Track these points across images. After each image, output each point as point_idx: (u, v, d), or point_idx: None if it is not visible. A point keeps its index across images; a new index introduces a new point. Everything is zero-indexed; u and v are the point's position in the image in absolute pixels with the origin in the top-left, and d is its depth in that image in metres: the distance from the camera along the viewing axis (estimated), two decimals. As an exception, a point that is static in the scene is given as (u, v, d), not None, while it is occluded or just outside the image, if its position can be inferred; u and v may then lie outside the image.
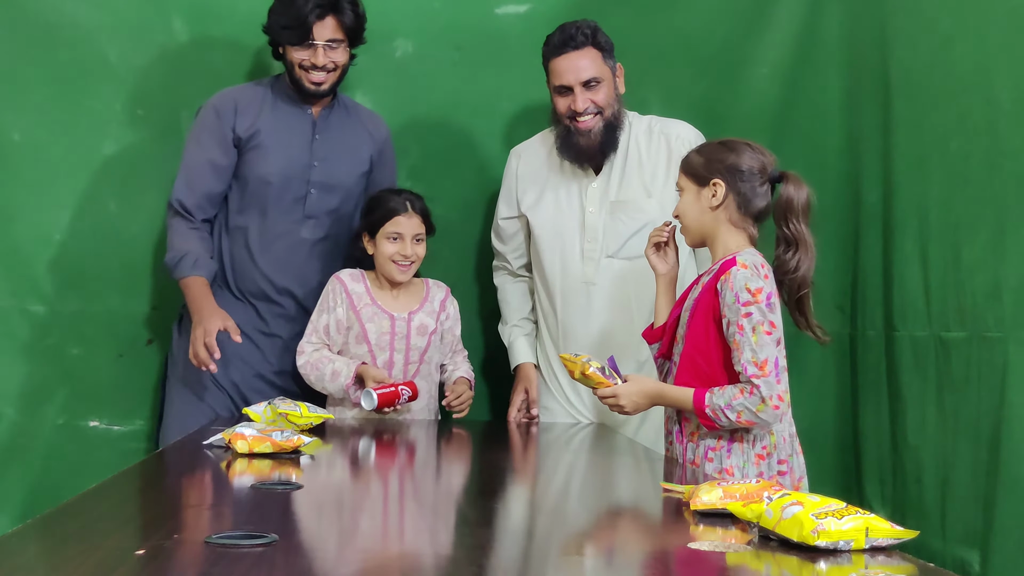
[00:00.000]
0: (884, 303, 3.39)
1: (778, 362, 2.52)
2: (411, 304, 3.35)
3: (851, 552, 1.66)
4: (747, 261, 2.57)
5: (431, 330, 3.34)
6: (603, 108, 3.26)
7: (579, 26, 3.25)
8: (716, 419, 2.53)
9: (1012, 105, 2.75)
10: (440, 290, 3.42)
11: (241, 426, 2.55)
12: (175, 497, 2.14)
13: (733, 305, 2.52)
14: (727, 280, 2.54)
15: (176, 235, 3.35)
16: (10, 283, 3.56)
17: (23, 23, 3.54)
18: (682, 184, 2.72)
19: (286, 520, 1.92)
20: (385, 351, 3.30)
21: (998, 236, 2.79)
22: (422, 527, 2.00)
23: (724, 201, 2.63)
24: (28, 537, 1.69)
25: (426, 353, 3.33)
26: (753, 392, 2.49)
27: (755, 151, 2.66)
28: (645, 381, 2.70)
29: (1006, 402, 2.73)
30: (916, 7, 3.23)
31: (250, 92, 3.43)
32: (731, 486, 1.93)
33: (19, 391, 3.56)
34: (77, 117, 3.58)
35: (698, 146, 2.78)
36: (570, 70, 3.24)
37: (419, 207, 3.31)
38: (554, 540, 1.91)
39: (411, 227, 3.29)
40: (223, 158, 3.37)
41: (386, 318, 3.30)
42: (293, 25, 3.25)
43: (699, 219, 2.67)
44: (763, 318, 2.51)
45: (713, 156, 2.67)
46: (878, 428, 3.41)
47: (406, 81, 3.71)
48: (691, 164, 2.71)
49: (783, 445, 2.62)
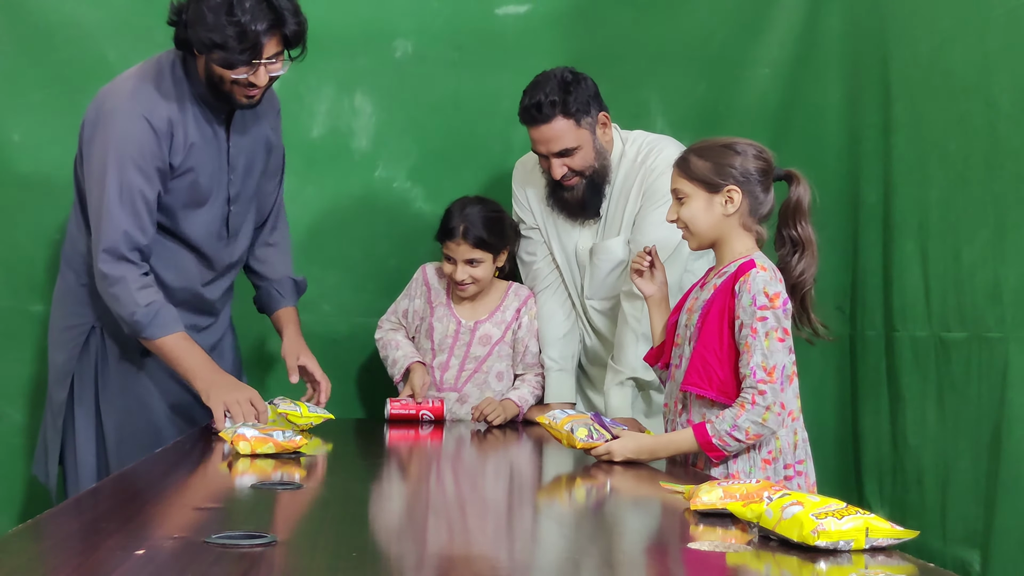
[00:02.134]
0: (884, 303, 3.39)
1: (784, 369, 2.48)
2: (481, 312, 3.38)
3: (851, 552, 1.66)
4: (766, 264, 2.54)
5: (495, 340, 3.36)
6: (582, 171, 3.21)
7: (548, 93, 3.14)
8: (725, 446, 2.46)
9: (1012, 106, 2.75)
10: (517, 299, 3.40)
11: (242, 427, 2.55)
12: (175, 497, 2.14)
13: (749, 307, 2.48)
14: (746, 281, 2.49)
15: (133, 286, 2.83)
16: (10, 283, 3.56)
17: (23, 23, 3.54)
18: (687, 190, 2.59)
19: (286, 520, 1.92)
20: (444, 353, 3.35)
21: (998, 236, 2.79)
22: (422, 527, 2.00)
23: (739, 207, 2.56)
24: (28, 537, 1.69)
25: (484, 362, 3.35)
26: (755, 402, 2.44)
27: (759, 151, 2.61)
28: (640, 437, 2.59)
29: (1006, 402, 2.73)
30: (916, 7, 3.23)
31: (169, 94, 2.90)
32: (731, 486, 1.93)
33: (19, 391, 3.56)
34: (77, 117, 3.56)
35: (697, 149, 2.65)
36: (541, 141, 3.19)
37: (473, 236, 3.25)
38: (554, 540, 1.91)
39: (461, 253, 3.28)
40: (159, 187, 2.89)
41: (453, 322, 3.35)
42: (234, 48, 2.72)
43: (712, 225, 2.59)
44: (778, 324, 2.47)
45: (722, 160, 2.58)
46: (878, 428, 3.41)
47: (406, 81, 3.71)
48: (698, 170, 2.59)
49: (788, 450, 2.57)
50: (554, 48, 3.57)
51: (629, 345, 3.17)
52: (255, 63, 2.77)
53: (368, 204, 3.72)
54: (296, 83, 3.63)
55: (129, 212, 2.83)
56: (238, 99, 2.87)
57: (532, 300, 3.41)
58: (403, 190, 3.71)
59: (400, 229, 3.68)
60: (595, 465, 2.52)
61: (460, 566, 1.64)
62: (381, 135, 3.72)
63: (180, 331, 2.88)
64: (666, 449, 2.55)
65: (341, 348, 3.64)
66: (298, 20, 2.81)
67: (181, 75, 2.92)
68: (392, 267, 3.68)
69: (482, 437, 3.16)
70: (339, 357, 3.62)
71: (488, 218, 3.30)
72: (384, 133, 3.72)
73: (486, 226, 3.28)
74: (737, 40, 3.74)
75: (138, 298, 2.83)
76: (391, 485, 2.51)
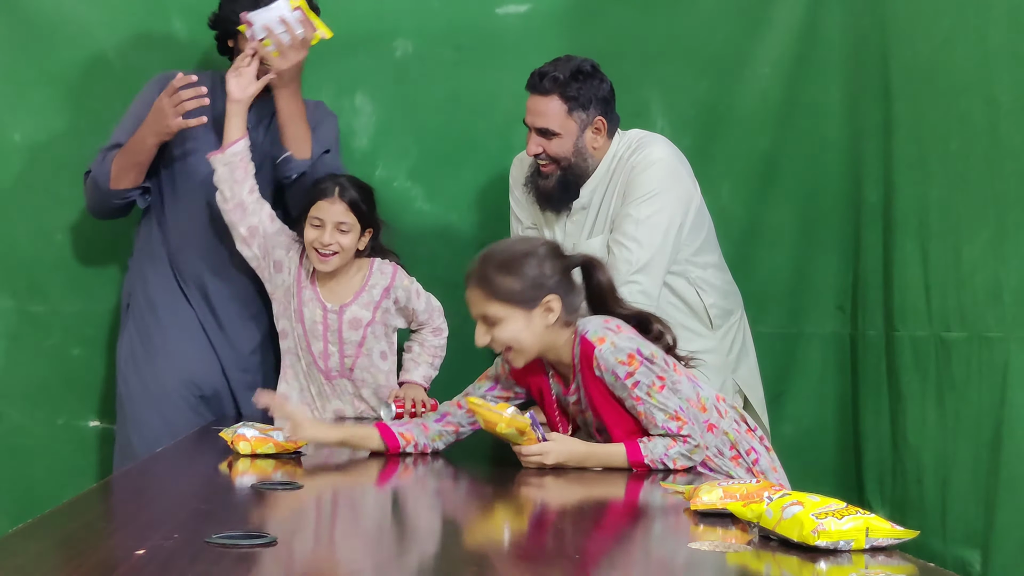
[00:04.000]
0: (884, 303, 3.39)
1: (683, 404, 2.48)
2: (346, 295, 3.24)
3: (851, 552, 1.66)
4: (598, 335, 2.48)
5: (366, 322, 3.23)
6: (556, 159, 3.16)
7: (557, 68, 3.14)
8: (654, 467, 2.46)
9: (1012, 105, 2.74)
10: (384, 276, 3.27)
11: (242, 427, 2.55)
12: (175, 497, 2.14)
13: (617, 383, 2.46)
14: (599, 364, 2.47)
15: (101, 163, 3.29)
16: (10, 283, 3.56)
17: (23, 23, 3.54)
18: (500, 314, 2.47)
19: (286, 520, 1.92)
20: (319, 340, 3.23)
21: (998, 236, 2.79)
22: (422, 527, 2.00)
23: (560, 312, 2.50)
24: (28, 537, 1.69)
25: (363, 346, 3.25)
26: (687, 441, 2.45)
27: (545, 246, 2.55)
28: (572, 441, 2.54)
29: (1007, 402, 2.73)
30: (916, 7, 3.23)
31: (194, 75, 3.28)
32: (731, 486, 1.93)
33: (19, 391, 3.56)
34: (77, 117, 3.58)
35: (496, 265, 2.50)
36: (531, 111, 3.16)
37: (349, 195, 3.16)
38: (554, 539, 1.91)
39: (333, 214, 3.13)
40: None
41: (319, 307, 3.23)
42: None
43: (537, 339, 2.49)
44: (651, 376, 2.45)
45: (529, 272, 2.48)
46: (878, 428, 3.41)
47: (406, 81, 3.71)
48: (504, 290, 2.47)
49: (741, 436, 2.61)
50: (554, 48, 3.56)
51: None
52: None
53: (368, 204, 3.72)
54: (296, 83, 3.63)
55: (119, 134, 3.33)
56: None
57: (400, 273, 3.29)
58: (403, 190, 3.71)
59: (400, 229, 3.68)
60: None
61: (460, 565, 1.64)
62: (381, 135, 3.72)
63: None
64: (596, 459, 2.50)
65: (341, 348, 3.64)
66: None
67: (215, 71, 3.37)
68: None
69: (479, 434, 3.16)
70: (339, 357, 3.62)
71: (363, 187, 3.23)
72: (384, 133, 3.72)
73: (360, 192, 3.20)
74: (738, 39, 3.73)
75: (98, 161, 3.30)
76: (391, 485, 2.51)
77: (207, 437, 2.81)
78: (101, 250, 3.60)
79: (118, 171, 3.27)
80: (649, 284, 3.09)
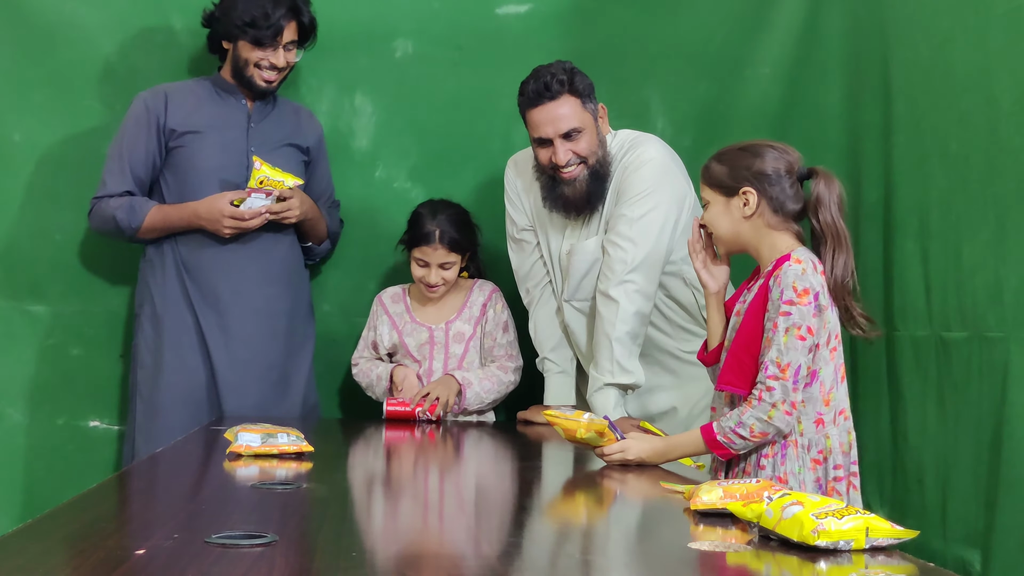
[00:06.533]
0: (884, 303, 3.39)
1: (799, 370, 2.43)
2: (449, 312, 3.42)
3: (851, 552, 1.66)
4: (802, 257, 2.50)
5: (468, 336, 3.40)
6: (586, 157, 3.16)
7: (554, 72, 3.14)
8: (730, 443, 2.44)
9: (1012, 105, 2.74)
10: (482, 294, 3.45)
11: (243, 434, 2.54)
12: (175, 497, 2.14)
13: (776, 301, 2.45)
14: (778, 276, 2.47)
15: (109, 203, 3.36)
16: (10, 283, 3.56)
17: (23, 23, 3.54)
18: (707, 196, 2.61)
19: (286, 520, 1.92)
20: (426, 360, 3.39)
21: (998, 236, 2.79)
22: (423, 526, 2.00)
23: (758, 208, 2.55)
24: (28, 537, 1.69)
25: (464, 359, 3.39)
26: (762, 398, 2.41)
27: (778, 151, 2.58)
28: (650, 438, 2.59)
29: (1007, 402, 2.73)
30: (916, 7, 3.23)
31: (182, 86, 3.47)
32: (731, 486, 1.93)
33: (19, 391, 3.56)
34: (77, 117, 3.58)
35: (717, 154, 2.62)
36: (547, 122, 3.13)
37: (448, 238, 3.33)
38: (554, 539, 1.91)
39: (437, 257, 3.34)
40: (151, 147, 3.38)
41: (424, 330, 3.40)
42: (262, 26, 3.30)
43: (733, 230, 2.58)
44: (801, 321, 2.43)
45: (736, 163, 2.57)
46: (878, 428, 3.41)
47: (406, 81, 3.71)
48: (714, 175, 2.60)
49: (838, 450, 2.52)
50: (554, 48, 3.57)
51: (603, 349, 3.13)
52: (277, 41, 3.31)
53: (368, 204, 3.72)
54: (297, 83, 3.64)
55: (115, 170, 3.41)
56: (258, 83, 3.37)
57: (497, 295, 3.46)
58: (403, 190, 3.71)
59: (400, 229, 3.67)
60: (599, 466, 2.51)
61: (459, 565, 1.64)
62: (381, 135, 3.72)
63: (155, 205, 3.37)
64: (676, 451, 2.54)
65: (341, 348, 3.64)
66: (309, 11, 3.39)
67: (202, 78, 3.50)
68: (392, 267, 3.69)
69: (479, 436, 3.16)
70: (339, 357, 3.63)
71: (460, 221, 3.38)
72: (384, 133, 3.72)
73: (459, 229, 3.36)
74: (738, 40, 3.74)
75: (113, 205, 3.36)
76: (390, 485, 2.51)
77: (207, 437, 2.81)
78: (101, 250, 3.60)
79: (150, 229, 3.38)
80: (645, 283, 3.11)
